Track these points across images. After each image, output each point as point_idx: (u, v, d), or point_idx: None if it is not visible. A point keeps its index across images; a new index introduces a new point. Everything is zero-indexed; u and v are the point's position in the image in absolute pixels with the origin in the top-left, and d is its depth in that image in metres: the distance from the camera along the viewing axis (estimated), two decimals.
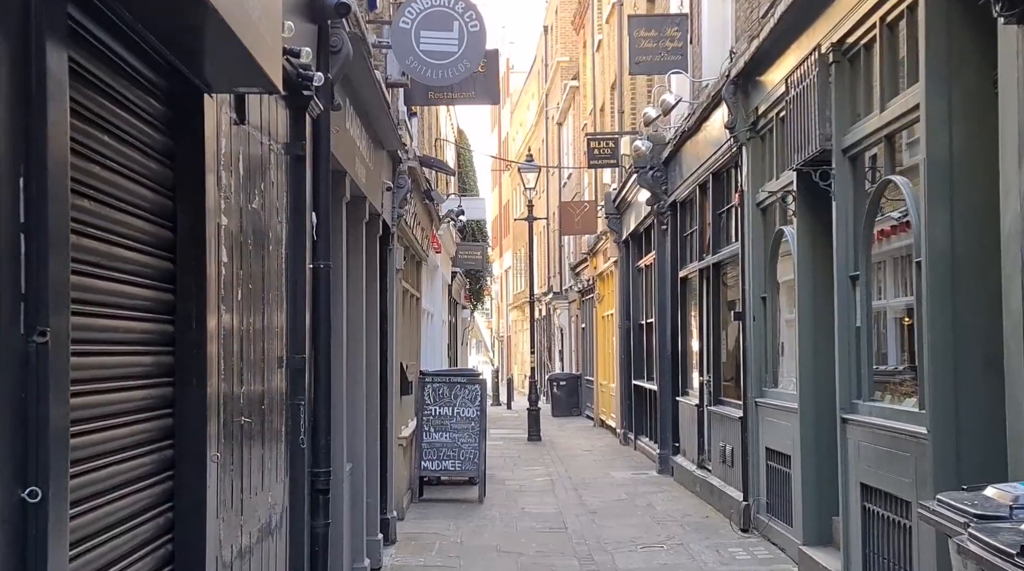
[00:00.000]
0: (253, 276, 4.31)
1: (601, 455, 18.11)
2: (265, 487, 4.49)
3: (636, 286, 18.75)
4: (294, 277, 5.09)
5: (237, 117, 4.00)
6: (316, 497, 5.39)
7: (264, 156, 4.53)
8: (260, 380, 4.42)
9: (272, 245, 4.70)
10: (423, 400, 12.96)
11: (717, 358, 12.17)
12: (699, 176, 12.77)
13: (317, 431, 5.45)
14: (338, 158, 6.57)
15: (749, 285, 10.27)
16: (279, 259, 4.86)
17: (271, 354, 4.66)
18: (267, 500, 4.53)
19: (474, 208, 21.79)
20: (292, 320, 5.09)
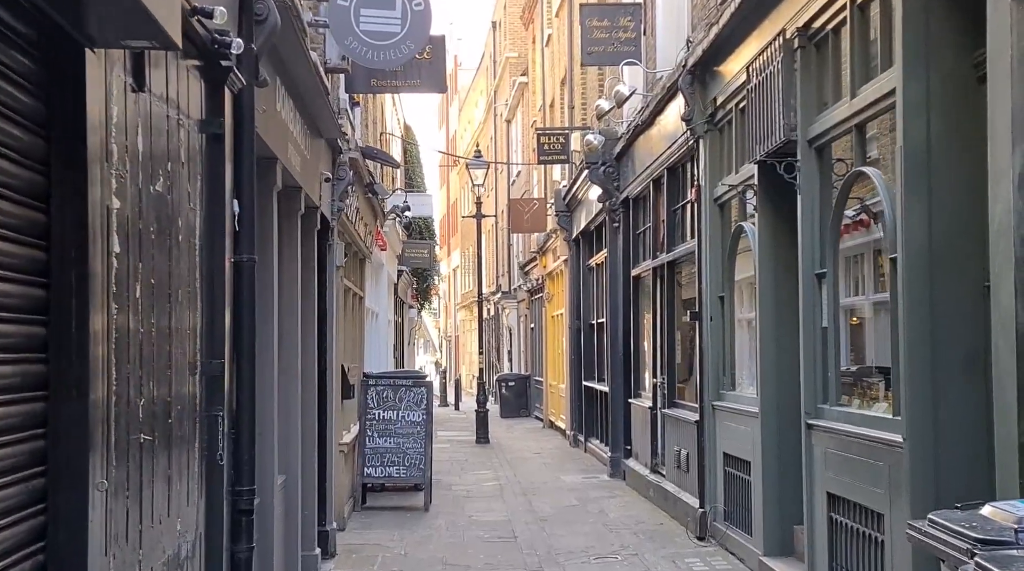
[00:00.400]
0: (157, 270, 3.72)
1: (551, 458, 17.62)
2: (173, 513, 3.91)
3: (587, 285, 18.29)
4: (211, 272, 4.50)
5: (135, 83, 3.42)
6: (238, 519, 4.80)
7: (172, 132, 3.94)
8: (166, 389, 3.83)
9: (183, 235, 4.11)
10: (366, 404, 12.37)
11: (671, 359, 11.72)
12: (653, 171, 12.32)
13: (240, 444, 4.86)
14: (267, 142, 5.99)
15: (706, 284, 9.82)
16: (192, 251, 4.27)
17: (181, 359, 4.07)
18: (175, 527, 3.94)
19: (421, 204, 21.18)
20: (209, 320, 4.50)
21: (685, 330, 11.46)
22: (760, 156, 7.74)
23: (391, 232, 18.89)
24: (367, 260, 13.95)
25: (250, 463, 4.92)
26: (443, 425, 25.12)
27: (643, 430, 12.97)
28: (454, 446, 19.85)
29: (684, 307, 11.54)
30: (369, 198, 12.36)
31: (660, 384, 12.19)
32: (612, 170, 14.52)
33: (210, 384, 4.46)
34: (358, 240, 12.27)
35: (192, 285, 4.27)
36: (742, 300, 9.52)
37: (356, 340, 13.22)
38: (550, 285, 23.01)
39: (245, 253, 4.94)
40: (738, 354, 9.51)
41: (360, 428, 12.30)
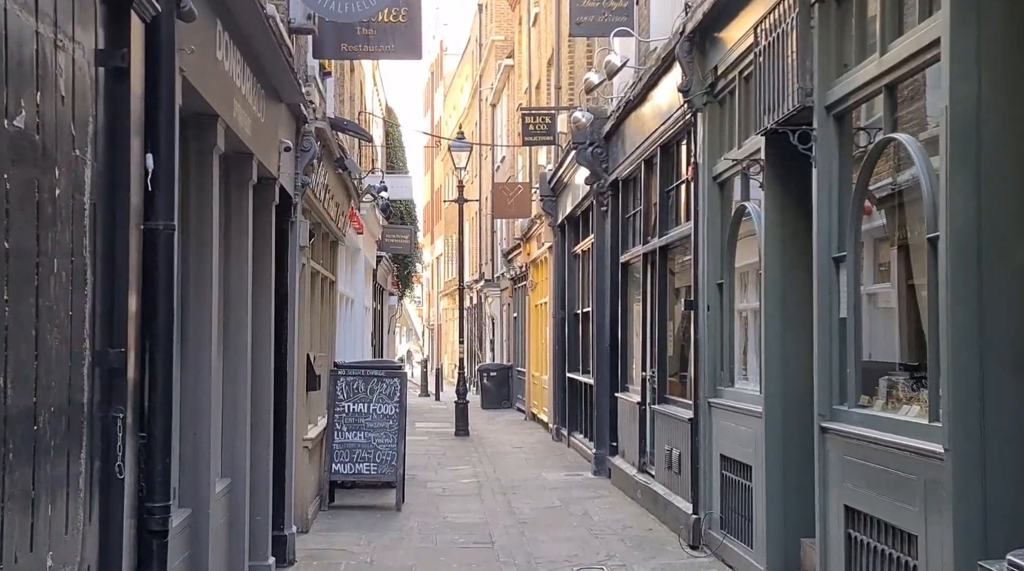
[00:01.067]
0: (13, 231, 2.80)
1: (532, 453, 16.75)
2: (39, 545, 3.00)
3: (572, 273, 17.40)
4: (109, 240, 3.58)
5: None
6: (147, 542, 3.90)
7: (45, 54, 3.02)
8: (28, 386, 2.92)
9: (62, 189, 3.19)
10: (335, 395, 11.45)
11: (663, 352, 10.84)
12: (645, 150, 11.43)
13: (152, 453, 3.95)
14: (203, 95, 5.07)
15: (703, 270, 8.95)
16: (78, 213, 3.35)
17: (58, 349, 3.16)
18: (43, 564, 3.03)
19: (400, 186, 20.21)
20: (106, 301, 3.58)
21: (678, 320, 10.59)
22: (771, 124, 6.84)
23: (369, 215, 17.95)
24: (340, 243, 13.01)
25: (165, 474, 4.01)
26: (422, 416, 24.24)
27: (631, 426, 12.10)
28: (432, 439, 18.96)
29: (677, 296, 10.68)
30: (341, 175, 11.43)
31: (650, 378, 11.32)
32: (600, 151, 13.62)
33: (106, 379, 3.55)
34: (328, 220, 11.34)
35: (79, 256, 3.36)
36: (743, 288, 8.65)
37: (327, 328, 12.30)
38: (534, 273, 22.12)
39: (161, 219, 4.02)
40: (738, 347, 8.64)
41: (328, 421, 11.39)
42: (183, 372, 5.35)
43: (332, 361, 12.41)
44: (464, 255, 21.15)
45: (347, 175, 11.57)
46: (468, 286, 31.43)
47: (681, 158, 10.34)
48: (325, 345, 12.16)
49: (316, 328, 11.31)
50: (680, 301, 10.44)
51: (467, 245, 28.88)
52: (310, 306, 10.42)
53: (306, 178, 8.78)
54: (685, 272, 10.26)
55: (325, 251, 12.00)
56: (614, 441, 13.33)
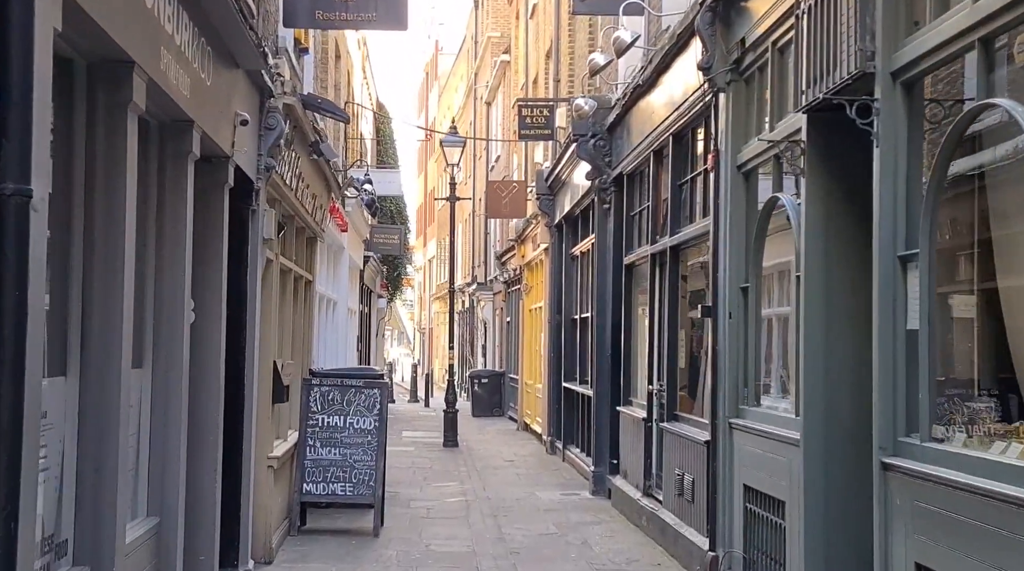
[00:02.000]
0: None
1: (525, 467, 15.51)
2: None
3: (570, 276, 16.18)
4: None
5: None
6: None
7: None
8: None
9: None
10: (308, 407, 10.21)
11: (673, 363, 9.62)
12: (654, 141, 10.22)
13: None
14: (110, 33, 3.85)
15: (724, 272, 7.74)
16: None
17: None
18: None
19: (388, 182, 18.95)
20: None
21: (692, 328, 9.38)
22: (822, 94, 5.60)
23: (354, 212, 16.72)
24: (318, 239, 11.78)
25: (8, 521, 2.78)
26: (409, 424, 23.00)
27: (634, 444, 10.88)
28: (419, 449, 17.72)
29: (691, 301, 9.47)
30: (318, 164, 10.19)
31: (657, 392, 10.10)
32: (603, 143, 12.42)
33: None
34: (303, 213, 10.11)
35: None
36: (773, 292, 7.45)
37: (301, 331, 11.07)
38: (528, 276, 20.91)
39: (10, 181, 2.79)
40: (765, 360, 7.43)
41: (300, 436, 10.15)
42: (83, 390, 4.12)
43: (308, 369, 11.19)
44: (456, 257, 19.92)
45: (325, 164, 10.34)
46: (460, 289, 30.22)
47: (697, 147, 9.14)
48: (299, 351, 10.93)
49: (287, 332, 10.08)
50: (694, 307, 9.23)
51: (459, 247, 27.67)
52: (278, 307, 9.18)
53: (271, 161, 7.56)
54: (700, 274, 9.06)
55: (300, 247, 10.77)
56: (615, 459, 12.11)
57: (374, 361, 25.78)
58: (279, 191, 8.55)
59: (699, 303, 8.88)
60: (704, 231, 8.45)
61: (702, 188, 8.76)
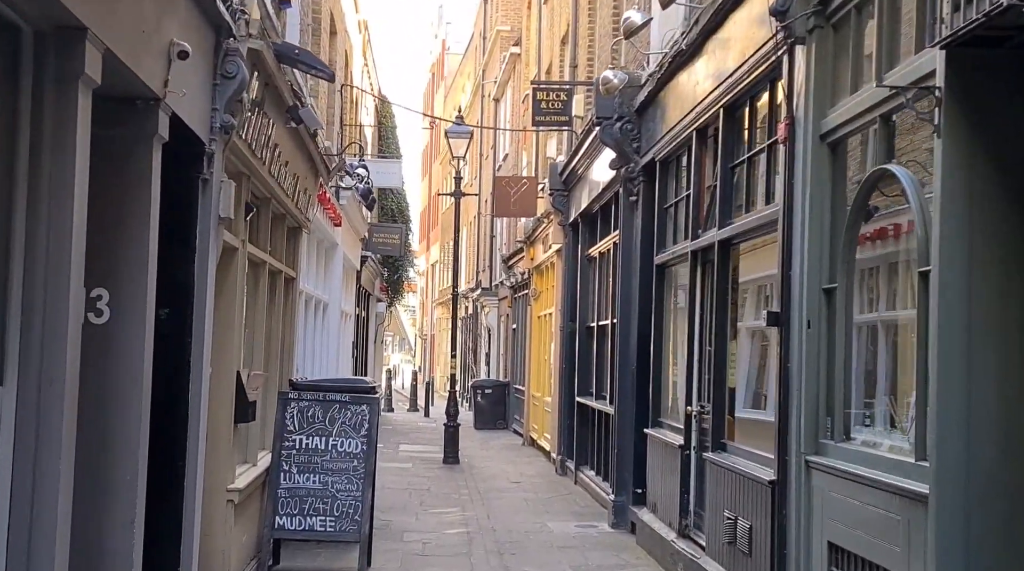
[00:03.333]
0: None
1: (533, 490, 13.77)
2: None
3: (586, 279, 14.47)
4: None
5: None
6: None
7: None
8: None
9: None
10: (284, 425, 8.49)
11: (720, 381, 7.89)
12: (697, 118, 8.51)
13: None
14: None
15: (800, 269, 6.03)
16: None
17: None
18: None
19: (388, 173, 17.24)
20: None
21: (749, 340, 7.66)
22: (977, 17, 3.91)
23: (350, 206, 15.03)
24: (303, 230, 10.07)
25: None
26: (407, 436, 21.27)
27: (667, 474, 9.14)
28: (417, 466, 15.99)
29: (747, 306, 7.76)
30: (300, 138, 8.48)
31: (699, 414, 8.39)
32: (631, 127, 10.71)
33: None
34: (281, 196, 8.41)
35: None
36: (872, 293, 5.73)
37: (280, 336, 9.35)
38: (538, 281, 19.19)
39: None
40: (857, 381, 5.70)
41: (273, 460, 8.43)
42: None
43: (289, 380, 9.48)
44: (460, 259, 18.22)
45: (309, 138, 8.63)
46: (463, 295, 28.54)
47: (757, 120, 7.44)
48: (278, 359, 9.21)
49: (259, 336, 8.37)
50: (752, 313, 7.53)
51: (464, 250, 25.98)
52: (246, 306, 7.47)
53: (230, 119, 5.85)
54: (761, 272, 7.35)
55: (278, 237, 9.06)
56: (640, 487, 10.37)
57: (372, 369, 24.05)
58: (246, 163, 6.84)
59: (759, 308, 7.17)
60: (769, 220, 6.74)
61: (764, 168, 7.06)
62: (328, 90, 13.47)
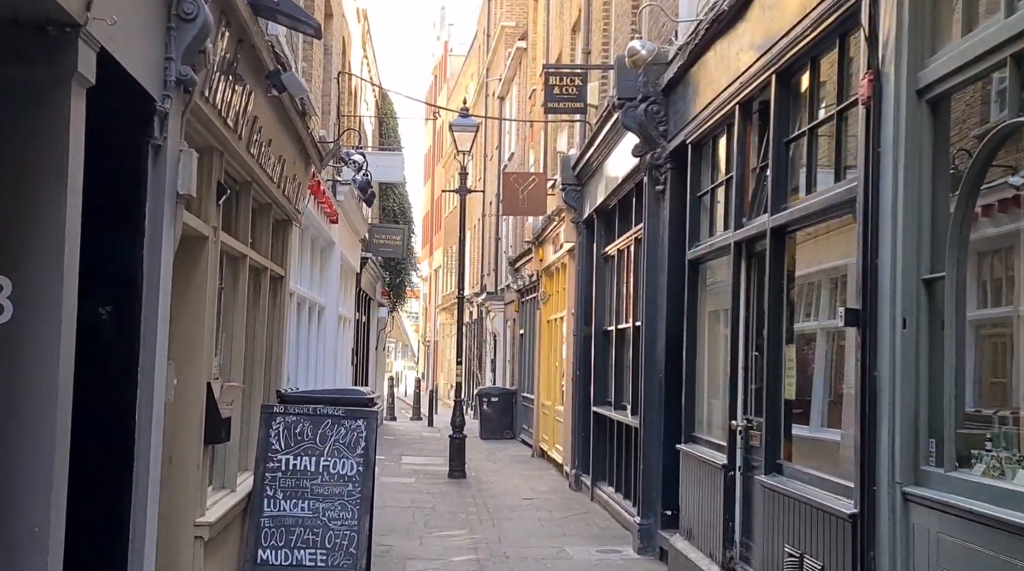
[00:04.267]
0: None
1: (547, 508, 12.57)
2: None
3: (602, 280, 13.30)
4: None
5: None
6: None
7: None
8: None
9: None
10: (268, 444, 7.32)
11: (775, 392, 6.68)
12: (740, 90, 7.34)
13: None
14: None
15: (891, 257, 4.86)
16: None
17: None
18: None
19: (388, 166, 16.07)
20: None
21: (811, 343, 6.47)
22: None
23: (348, 203, 13.87)
24: (293, 223, 8.90)
25: None
26: (410, 447, 20.08)
27: (706, 497, 7.95)
28: (421, 481, 14.81)
29: (807, 304, 6.57)
30: (286, 113, 7.30)
31: (746, 429, 7.20)
32: (657, 108, 9.53)
33: None
34: (265, 181, 7.24)
35: None
36: (991, 284, 4.55)
37: (265, 341, 8.17)
38: (547, 283, 18.01)
39: None
40: (975, 394, 4.52)
41: (255, 484, 7.25)
42: None
43: (277, 391, 8.32)
44: (464, 261, 17.03)
45: (297, 116, 7.46)
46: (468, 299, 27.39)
47: (820, 84, 6.26)
48: (261, 368, 8.03)
49: (239, 341, 7.19)
50: (816, 311, 6.35)
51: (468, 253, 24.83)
52: (215, 305, 6.30)
53: (189, 72, 4.68)
54: (827, 264, 6.17)
55: (262, 229, 7.89)
56: (669, 509, 9.19)
57: (374, 377, 22.84)
58: (217, 135, 5.67)
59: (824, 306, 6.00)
60: (842, 199, 5.56)
61: (834, 139, 5.87)
62: (323, 76, 12.33)
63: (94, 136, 3.79)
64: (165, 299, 4.72)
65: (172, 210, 4.74)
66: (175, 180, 4.75)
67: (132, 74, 4.13)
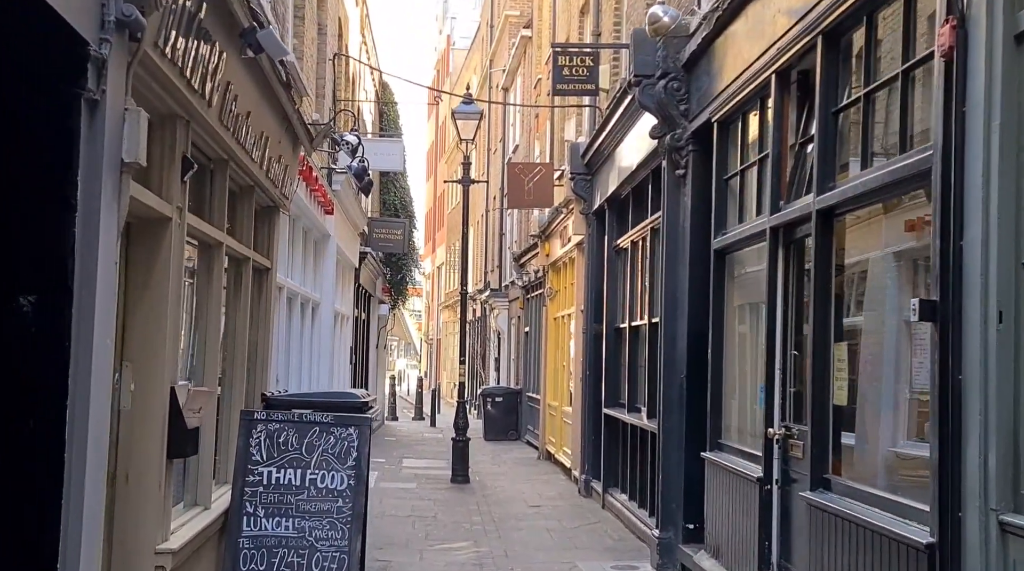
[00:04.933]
0: None
1: (557, 517, 11.72)
2: None
3: (614, 274, 12.46)
4: None
5: None
6: None
7: None
8: None
9: None
10: (248, 455, 6.48)
11: (822, 396, 5.82)
12: (777, 56, 6.49)
13: None
14: None
15: (982, 239, 4.01)
16: None
17: None
18: None
19: (387, 154, 15.21)
20: None
21: (866, 341, 5.61)
22: None
23: (345, 193, 13.03)
24: (280, 210, 8.05)
25: None
26: (412, 449, 19.26)
27: (737, 513, 7.10)
28: (422, 486, 13.98)
29: (843, 297, 5.72)
30: (263, 77, 6.44)
31: (784, 438, 6.35)
32: (678, 85, 8.67)
33: None
34: (244, 159, 6.38)
35: None
36: None
37: (247, 339, 7.32)
38: (554, 278, 17.17)
39: None
40: None
41: (233, 501, 6.41)
42: None
43: (261, 394, 7.49)
44: (468, 256, 16.19)
45: (277, 82, 6.60)
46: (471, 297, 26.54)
47: (879, 41, 5.40)
48: (242, 368, 7.18)
49: (214, 339, 6.34)
50: (871, 304, 5.50)
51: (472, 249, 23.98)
52: (179, 297, 5.45)
53: (134, 12, 3.83)
54: (886, 248, 5.32)
55: (242, 215, 7.04)
56: (692, 522, 8.34)
57: (374, 376, 21.98)
58: (179, 99, 4.83)
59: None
60: (914, 171, 4.70)
61: (899, 103, 5.01)
62: (317, 57, 11.48)
63: (11, 89, 2.95)
64: (108, 288, 3.88)
65: (115, 181, 3.90)
66: (118, 145, 3.90)
67: (56, 8, 3.28)
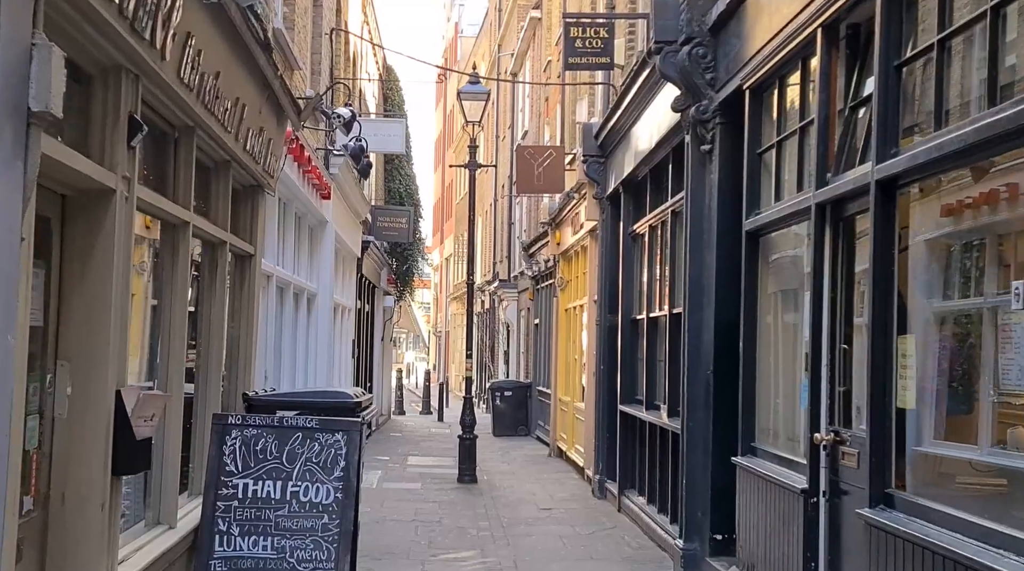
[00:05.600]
0: None
1: (570, 521, 10.89)
2: None
3: (629, 262, 11.60)
4: None
5: None
6: None
7: None
8: None
9: None
10: (220, 464, 5.65)
11: (880, 398, 4.95)
12: (824, 6, 5.62)
13: None
14: None
15: None
16: None
17: None
18: None
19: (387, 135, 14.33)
20: None
21: (937, 333, 4.74)
22: None
23: (344, 178, 12.19)
24: (264, 191, 7.20)
25: None
26: (418, 445, 18.46)
27: (776, 527, 6.25)
28: (427, 486, 13.16)
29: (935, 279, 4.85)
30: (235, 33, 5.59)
31: (833, 444, 5.50)
32: (703, 51, 7.80)
33: None
34: (216, 128, 5.54)
35: None
36: None
37: (225, 333, 6.49)
38: (565, 268, 16.32)
39: None
40: None
41: (203, 516, 5.59)
42: None
43: (244, 394, 6.67)
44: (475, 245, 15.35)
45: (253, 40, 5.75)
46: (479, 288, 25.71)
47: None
48: (219, 366, 6.35)
49: (179, 335, 5.50)
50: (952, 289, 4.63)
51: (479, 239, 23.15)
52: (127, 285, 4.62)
53: None
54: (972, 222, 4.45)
55: (217, 193, 6.20)
56: (721, 533, 7.51)
57: (379, 371, 21.17)
58: (121, 47, 3.99)
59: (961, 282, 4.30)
60: (1010, 127, 3.83)
61: (987, 47, 4.14)
62: (312, 30, 10.64)
63: None
64: (8, 270, 3.05)
65: (19, 136, 3.07)
66: (23, 89, 3.07)
67: None
